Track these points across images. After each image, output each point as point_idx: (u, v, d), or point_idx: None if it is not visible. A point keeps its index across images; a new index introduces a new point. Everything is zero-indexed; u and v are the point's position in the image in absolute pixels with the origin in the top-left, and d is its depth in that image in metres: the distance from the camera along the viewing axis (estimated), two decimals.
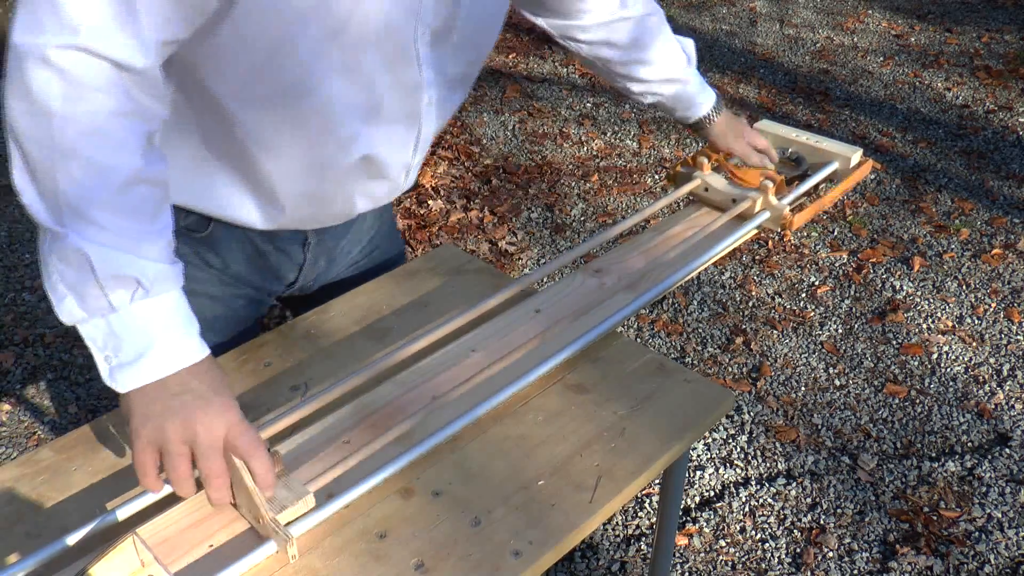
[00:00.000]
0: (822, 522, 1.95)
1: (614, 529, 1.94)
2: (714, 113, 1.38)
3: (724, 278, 2.77)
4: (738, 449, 2.14)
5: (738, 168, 1.39)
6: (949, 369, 2.38)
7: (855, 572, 1.83)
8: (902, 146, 3.53)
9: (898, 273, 2.78)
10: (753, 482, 2.05)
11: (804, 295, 2.70)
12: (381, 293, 1.23)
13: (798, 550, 1.88)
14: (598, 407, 1.02)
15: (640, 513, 1.97)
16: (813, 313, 2.62)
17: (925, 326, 2.55)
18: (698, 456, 2.11)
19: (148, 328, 0.77)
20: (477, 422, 0.98)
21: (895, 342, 2.49)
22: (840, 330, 2.54)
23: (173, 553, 0.81)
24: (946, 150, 3.49)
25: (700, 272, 1.60)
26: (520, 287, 1.18)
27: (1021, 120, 3.70)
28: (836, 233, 2.99)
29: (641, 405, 1.03)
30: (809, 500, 2.00)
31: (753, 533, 1.92)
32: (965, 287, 2.72)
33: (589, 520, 0.89)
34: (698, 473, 2.07)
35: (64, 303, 0.76)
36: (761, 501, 2.00)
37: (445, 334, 1.09)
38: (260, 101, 0.90)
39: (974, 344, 2.48)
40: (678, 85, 1.34)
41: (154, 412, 0.77)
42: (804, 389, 2.33)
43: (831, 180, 1.47)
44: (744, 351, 2.46)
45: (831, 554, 1.87)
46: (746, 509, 1.98)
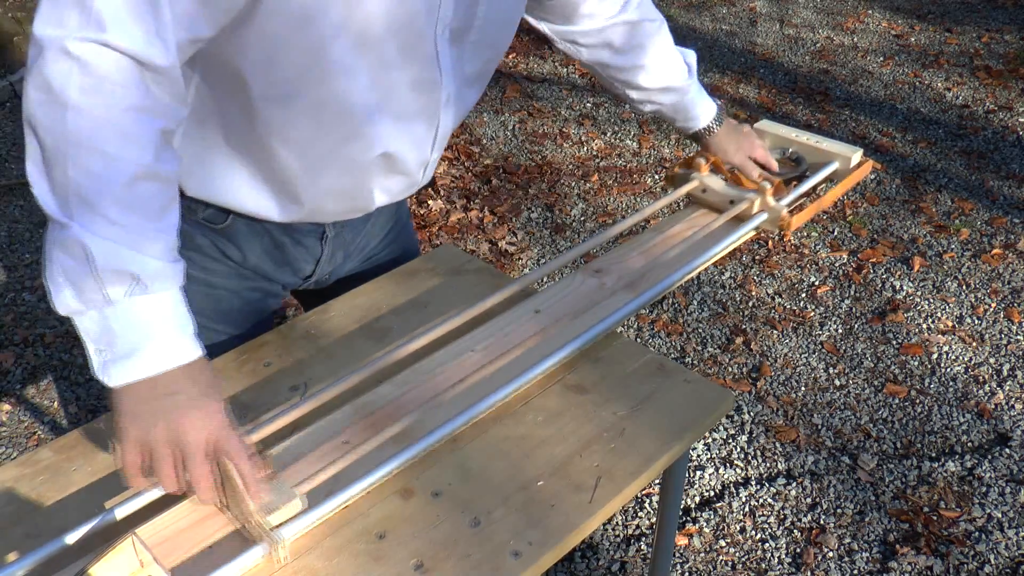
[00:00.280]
0: (822, 522, 1.95)
1: (614, 529, 1.94)
2: (714, 124, 1.38)
3: (724, 278, 2.77)
4: (738, 449, 2.14)
5: (734, 171, 1.39)
6: (949, 369, 2.38)
7: (855, 572, 1.83)
8: (902, 146, 3.53)
9: (898, 273, 2.78)
10: (753, 482, 2.05)
11: (804, 295, 2.69)
12: (380, 293, 1.23)
13: (798, 550, 1.88)
14: (598, 407, 1.02)
15: (640, 513, 1.97)
16: (813, 313, 2.62)
17: (925, 326, 2.55)
18: (698, 456, 2.11)
19: (143, 324, 0.77)
20: (477, 422, 0.98)
21: (895, 342, 2.49)
22: (840, 330, 2.54)
23: (172, 553, 0.81)
24: (946, 150, 3.49)
25: (700, 272, 1.60)
26: (520, 287, 1.18)
27: (1021, 120, 3.70)
28: (836, 233, 2.99)
29: (641, 405, 1.02)
30: (809, 500, 2.00)
31: (753, 533, 1.92)
32: (965, 287, 2.72)
33: (589, 520, 0.89)
34: (698, 473, 2.07)
35: (61, 293, 0.76)
36: (761, 501, 2.00)
37: (444, 334, 1.09)
38: (282, 97, 0.91)
39: (974, 344, 2.48)
40: (677, 95, 1.33)
41: (142, 412, 0.77)
42: (804, 389, 2.33)
43: (831, 180, 1.47)
44: (744, 351, 2.46)
45: (831, 554, 1.87)
46: (746, 509, 1.98)
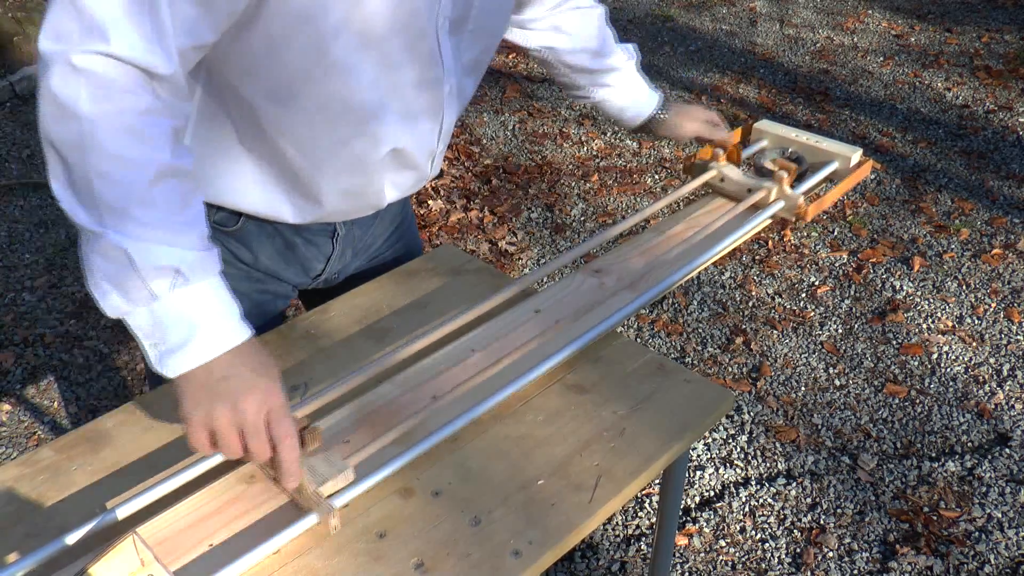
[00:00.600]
0: (822, 522, 1.95)
1: (614, 529, 1.94)
2: (663, 112, 1.42)
3: (724, 278, 2.77)
4: (738, 449, 2.14)
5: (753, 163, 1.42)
6: (949, 369, 2.38)
7: (855, 572, 1.83)
8: (902, 146, 3.53)
9: (898, 273, 2.78)
10: (753, 482, 2.05)
11: (804, 295, 2.69)
12: (381, 293, 1.23)
13: (798, 550, 1.88)
14: (598, 407, 1.02)
15: (640, 513, 1.97)
16: (813, 313, 2.62)
17: (925, 326, 2.55)
18: (698, 456, 2.11)
19: (191, 314, 0.79)
20: (477, 422, 0.98)
21: (895, 342, 2.49)
22: (840, 330, 2.54)
23: (173, 552, 0.82)
24: (946, 150, 3.49)
25: (700, 272, 1.60)
26: (520, 287, 1.18)
27: (1021, 120, 3.70)
28: (836, 233, 2.99)
29: (641, 405, 1.03)
30: (809, 500, 2.00)
31: (753, 533, 1.92)
32: (965, 287, 2.72)
33: (589, 520, 0.89)
34: (698, 473, 2.07)
35: (108, 298, 0.78)
36: (761, 501, 2.00)
37: (445, 334, 1.09)
38: (289, 99, 0.92)
39: (974, 344, 2.48)
40: (625, 78, 1.38)
41: (202, 397, 0.79)
42: (804, 389, 2.33)
43: (831, 180, 1.47)
44: (744, 351, 2.46)
45: (831, 554, 1.87)
46: (746, 509, 1.98)
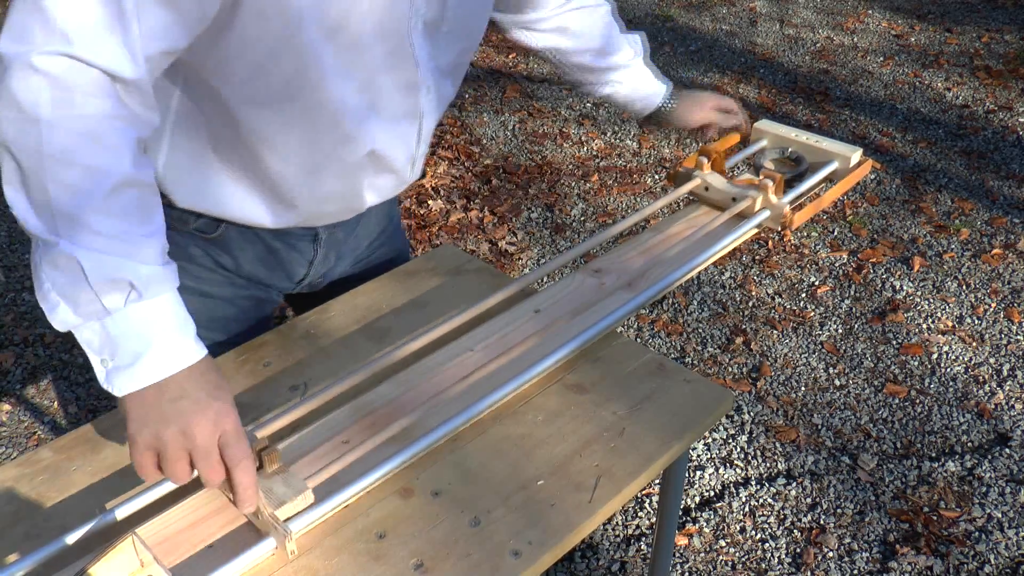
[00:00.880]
0: (822, 522, 1.95)
1: (614, 529, 1.94)
2: (671, 101, 1.41)
3: (724, 278, 2.77)
4: (738, 449, 2.14)
5: (734, 179, 1.39)
6: (949, 369, 2.38)
7: (855, 572, 1.83)
8: (902, 146, 3.53)
9: (898, 273, 2.78)
10: (753, 482, 2.05)
11: (804, 295, 2.69)
12: (380, 293, 1.23)
13: (798, 550, 1.88)
14: (598, 407, 1.02)
15: (640, 513, 1.97)
16: (813, 313, 2.62)
17: (925, 326, 2.55)
18: (698, 456, 2.11)
19: (143, 331, 0.76)
20: (477, 422, 0.98)
21: (895, 342, 2.49)
22: (840, 330, 2.54)
23: (172, 553, 0.81)
24: (946, 150, 3.49)
25: (700, 272, 1.60)
26: (520, 287, 1.18)
27: (1021, 120, 3.70)
28: (836, 233, 2.99)
29: (641, 405, 1.03)
30: (809, 500, 2.00)
31: (753, 533, 1.92)
32: (965, 287, 2.72)
33: (589, 520, 0.89)
34: (698, 473, 2.07)
35: (57, 310, 0.75)
36: (761, 501, 2.00)
37: (444, 334, 1.09)
38: (265, 103, 0.91)
39: (974, 344, 2.48)
40: (632, 73, 1.37)
41: (151, 418, 0.76)
42: (804, 389, 2.33)
43: (831, 180, 1.47)
44: (744, 351, 2.46)
45: (831, 554, 1.87)
46: (746, 509, 1.98)
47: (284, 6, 0.82)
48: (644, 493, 2.02)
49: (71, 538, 0.82)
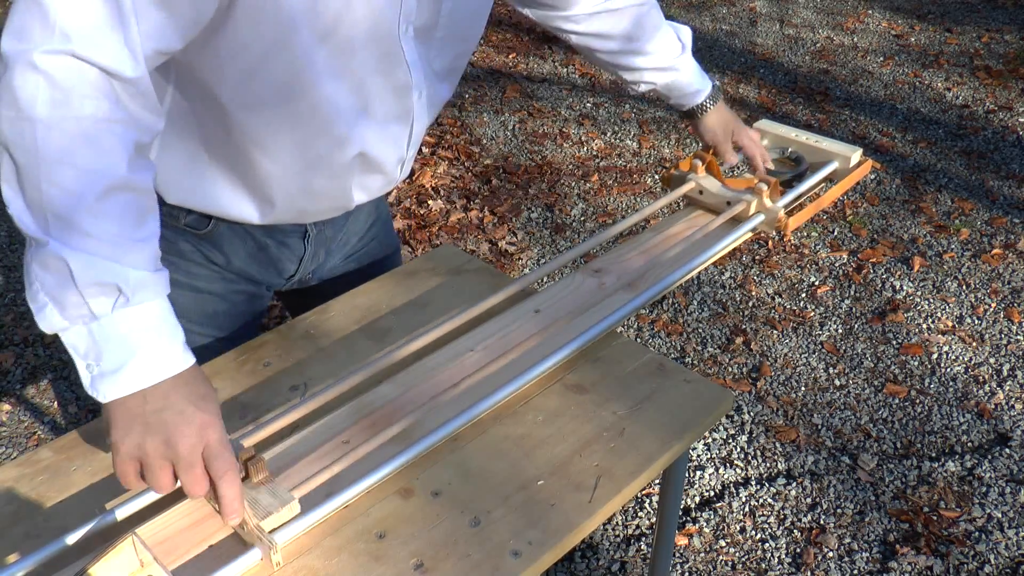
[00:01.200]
0: (822, 522, 1.95)
1: (614, 529, 1.94)
2: (709, 103, 1.36)
3: (724, 278, 2.77)
4: (738, 449, 2.13)
5: (729, 179, 1.39)
6: (949, 369, 2.38)
7: (855, 572, 1.83)
8: (902, 146, 3.53)
9: (898, 273, 2.78)
10: (753, 482, 2.05)
11: (804, 295, 2.69)
12: (380, 293, 1.23)
13: (798, 550, 1.88)
14: (598, 407, 1.02)
15: (640, 513, 1.97)
16: (813, 313, 2.61)
17: (925, 326, 2.55)
18: (698, 456, 2.11)
19: (130, 337, 0.75)
20: (477, 422, 0.98)
21: (895, 342, 2.49)
22: (840, 330, 2.54)
23: (172, 553, 0.81)
24: (946, 150, 3.49)
25: (700, 272, 1.60)
26: (520, 287, 1.18)
27: (1021, 120, 3.70)
28: (836, 233, 2.99)
29: (641, 405, 1.02)
30: (809, 500, 2.00)
31: (753, 533, 1.92)
32: (965, 287, 2.72)
33: (589, 520, 0.89)
34: (698, 473, 2.07)
35: (44, 312, 0.74)
36: (761, 501, 2.00)
37: (444, 334, 1.09)
38: (256, 103, 0.91)
39: (974, 344, 2.48)
40: (672, 74, 1.32)
41: (135, 427, 0.76)
42: (804, 389, 2.33)
43: (830, 180, 1.47)
44: (744, 351, 2.46)
45: (831, 554, 1.87)
46: (746, 509, 1.98)
47: (277, 10, 0.82)
48: (644, 493, 2.02)
49: (71, 538, 0.82)
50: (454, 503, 0.89)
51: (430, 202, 3.12)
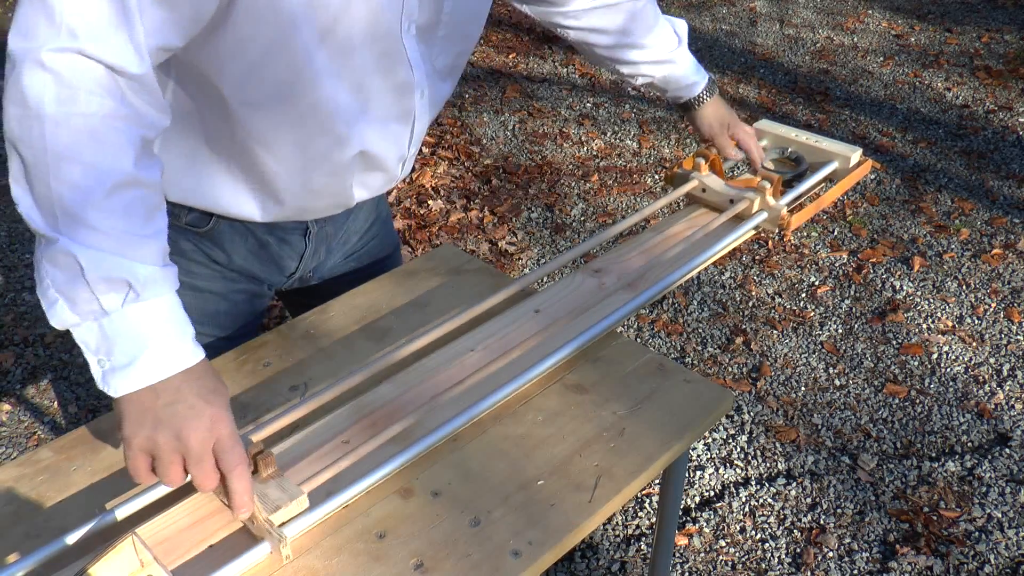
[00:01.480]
0: (822, 522, 1.95)
1: (614, 529, 1.94)
2: (705, 95, 1.38)
3: (724, 278, 2.77)
4: (738, 449, 2.14)
5: (730, 180, 1.39)
6: (949, 369, 2.38)
7: (855, 572, 1.83)
8: (902, 146, 3.53)
9: (898, 273, 2.78)
10: (753, 482, 2.05)
11: (804, 295, 2.69)
12: (380, 293, 1.23)
13: (798, 550, 1.88)
14: (598, 407, 1.02)
15: (640, 513, 1.97)
16: (813, 313, 2.61)
17: (925, 326, 2.55)
18: (698, 456, 2.11)
19: (140, 332, 0.76)
20: (477, 422, 0.98)
21: (895, 342, 2.49)
22: (840, 330, 2.54)
23: (172, 553, 0.81)
24: (946, 150, 3.49)
25: (700, 272, 1.60)
26: (520, 287, 1.18)
27: (1021, 120, 3.70)
28: (836, 233, 2.99)
29: (641, 405, 1.03)
30: (809, 500, 2.00)
31: (753, 533, 1.92)
32: (965, 287, 2.72)
33: (589, 520, 0.89)
34: (698, 473, 2.07)
35: (55, 308, 0.75)
36: (761, 501, 2.00)
37: (444, 334, 1.09)
38: (258, 101, 0.92)
39: (974, 344, 2.48)
40: (668, 67, 1.34)
41: (146, 421, 0.76)
42: (804, 389, 2.33)
43: (830, 180, 1.47)
44: (744, 351, 2.46)
45: (831, 554, 1.87)
46: (746, 509, 1.98)
47: (277, 10, 0.82)
48: (644, 493, 2.02)
49: (71, 538, 0.82)
50: (454, 503, 0.89)
51: (430, 202, 3.12)
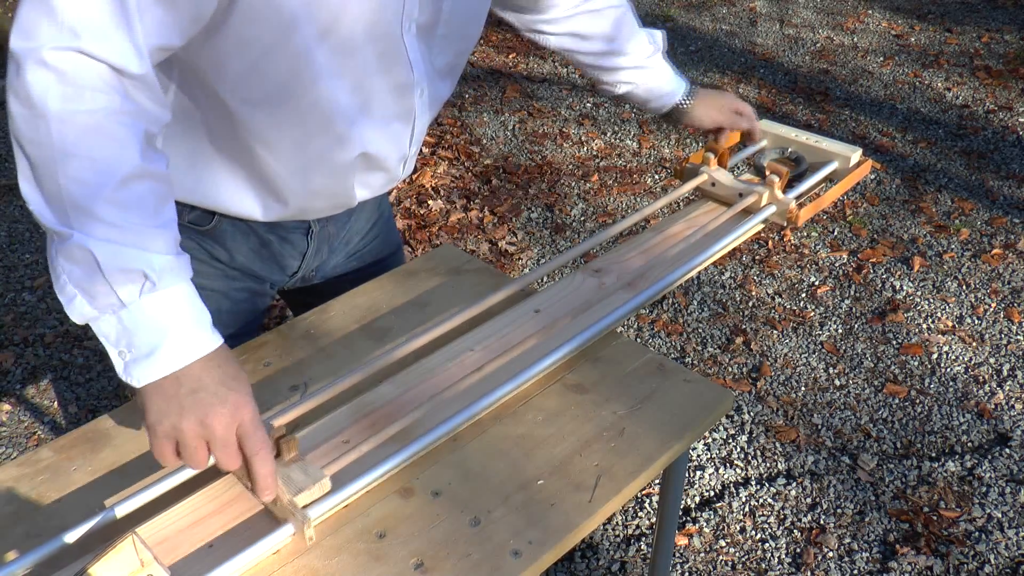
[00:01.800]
0: (822, 522, 1.95)
1: (614, 529, 1.94)
2: (688, 99, 1.40)
3: (724, 278, 2.77)
4: (738, 449, 2.14)
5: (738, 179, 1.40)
6: (949, 369, 2.38)
7: (855, 572, 1.83)
8: (902, 146, 3.53)
9: (898, 273, 2.78)
10: (753, 482, 2.05)
11: (804, 295, 2.69)
12: (381, 293, 1.23)
13: (798, 550, 1.88)
14: (598, 407, 1.02)
15: (640, 513, 1.97)
16: (813, 313, 2.61)
17: (925, 326, 2.55)
18: (698, 456, 2.11)
19: (159, 321, 0.77)
20: (477, 422, 0.98)
21: (895, 342, 2.49)
22: (840, 330, 2.54)
23: (172, 552, 0.82)
24: (946, 150, 3.49)
25: (700, 272, 1.60)
26: (520, 287, 1.18)
27: (1021, 120, 3.70)
28: (836, 233, 2.99)
29: (641, 405, 1.03)
30: (809, 500, 2.00)
31: (753, 533, 1.92)
32: (965, 287, 2.72)
33: (589, 520, 0.89)
34: (698, 473, 2.07)
35: (74, 303, 0.77)
36: (761, 501, 2.00)
37: (444, 334, 1.09)
38: (259, 101, 0.92)
39: (974, 344, 2.48)
40: (647, 74, 1.36)
41: (170, 409, 0.78)
42: (804, 389, 2.33)
43: (830, 180, 1.47)
44: (744, 351, 2.46)
45: (831, 554, 1.87)
46: (746, 509, 1.98)
47: (277, 9, 0.83)
48: (644, 493, 2.02)
49: (71, 537, 0.82)
50: (454, 503, 0.89)
51: (430, 202, 3.12)
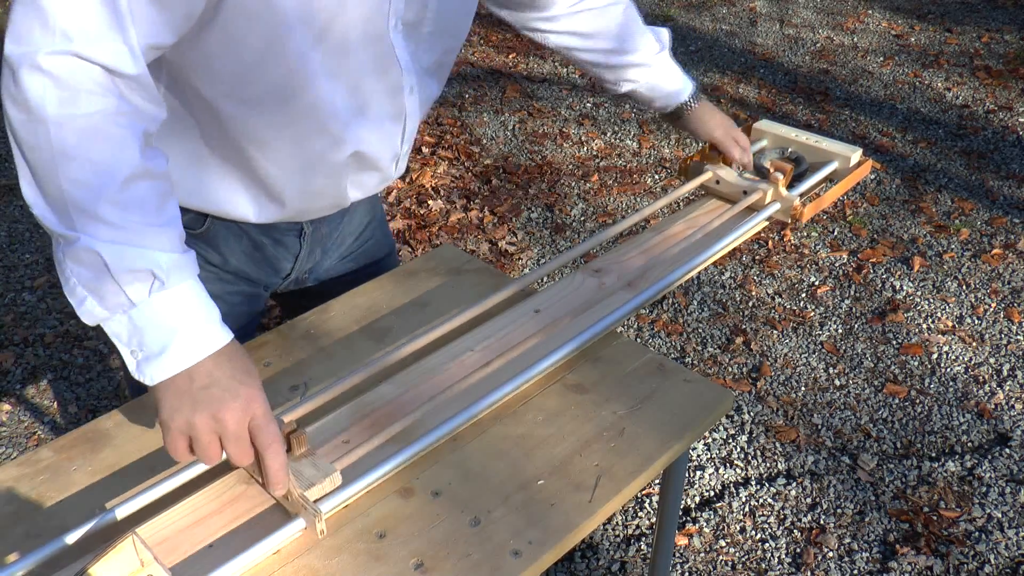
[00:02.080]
0: (822, 522, 1.95)
1: (614, 529, 1.94)
2: (692, 101, 1.37)
3: (724, 278, 2.77)
4: (738, 449, 2.14)
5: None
6: (949, 369, 2.38)
7: (855, 572, 1.83)
8: (902, 146, 3.53)
9: (898, 273, 2.78)
10: (753, 482, 2.05)
11: (804, 295, 2.69)
12: (381, 293, 1.23)
13: (798, 550, 1.88)
14: (598, 407, 1.02)
15: (640, 513, 1.97)
16: (813, 313, 2.61)
17: (925, 326, 2.55)
18: (698, 456, 2.11)
19: (169, 319, 0.78)
20: (477, 422, 0.98)
21: (895, 342, 2.49)
22: (840, 330, 2.54)
23: (173, 553, 0.82)
24: (946, 150, 3.49)
25: (700, 272, 1.60)
26: (520, 287, 1.18)
27: (1021, 120, 3.70)
28: (836, 233, 2.99)
29: (641, 405, 1.03)
30: (809, 500, 2.00)
31: (753, 533, 1.92)
32: (965, 287, 2.72)
33: (589, 520, 0.89)
34: (698, 473, 2.07)
35: (85, 304, 0.77)
36: (761, 501, 2.00)
37: (444, 334, 1.09)
38: (251, 102, 0.92)
39: (974, 344, 2.48)
40: (651, 72, 1.33)
41: (183, 405, 0.79)
42: (804, 389, 2.33)
43: (830, 180, 1.47)
44: (744, 351, 2.46)
45: (831, 554, 1.87)
46: (746, 509, 1.98)
47: (271, 11, 0.83)
48: (644, 493, 2.02)
49: (71, 538, 0.82)
50: (454, 503, 0.89)
51: (430, 202, 3.12)
